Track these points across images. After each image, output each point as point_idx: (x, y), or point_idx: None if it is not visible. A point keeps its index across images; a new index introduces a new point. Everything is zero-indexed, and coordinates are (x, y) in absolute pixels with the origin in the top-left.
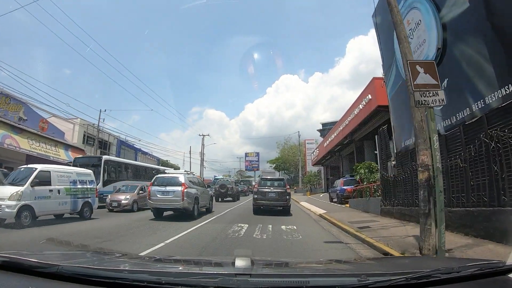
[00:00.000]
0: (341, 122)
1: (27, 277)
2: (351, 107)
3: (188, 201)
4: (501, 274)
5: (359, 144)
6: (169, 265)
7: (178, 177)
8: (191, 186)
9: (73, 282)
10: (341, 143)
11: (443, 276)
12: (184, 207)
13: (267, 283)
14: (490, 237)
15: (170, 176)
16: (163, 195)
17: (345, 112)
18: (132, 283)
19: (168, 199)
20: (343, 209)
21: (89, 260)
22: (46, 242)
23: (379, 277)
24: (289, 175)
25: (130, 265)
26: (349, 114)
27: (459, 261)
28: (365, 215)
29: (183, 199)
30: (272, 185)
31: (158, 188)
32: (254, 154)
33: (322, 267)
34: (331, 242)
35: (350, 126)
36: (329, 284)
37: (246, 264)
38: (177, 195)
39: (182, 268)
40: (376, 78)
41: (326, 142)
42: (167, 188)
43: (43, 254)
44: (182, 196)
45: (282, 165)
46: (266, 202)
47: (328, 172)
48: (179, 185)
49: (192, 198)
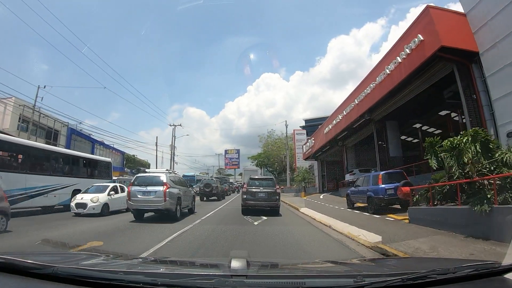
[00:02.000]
0: (354, 96)
1: (23, 279)
2: (377, 67)
3: (170, 202)
4: (497, 274)
5: (379, 125)
6: (165, 266)
7: (160, 176)
8: (173, 186)
9: (68, 283)
10: (350, 126)
11: (439, 277)
12: (167, 208)
13: (262, 284)
14: None
15: (151, 175)
16: (144, 195)
17: (362, 80)
18: (128, 284)
19: (149, 200)
20: (403, 227)
21: (84, 261)
22: (41, 243)
23: (375, 278)
24: (272, 172)
25: (126, 266)
26: (373, 78)
27: (455, 262)
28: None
29: (165, 199)
30: (261, 185)
31: (138, 188)
32: (235, 151)
33: (318, 268)
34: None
35: (373, 96)
36: (325, 285)
37: (242, 265)
38: (158, 195)
39: (178, 269)
40: (432, 7)
41: (327, 128)
42: (148, 188)
43: (39, 255)
44: (164, 196)
45: (265, 160)
46: (255, 203)
47: (324, 168)
48: (160, 185)
49: (174, 198)
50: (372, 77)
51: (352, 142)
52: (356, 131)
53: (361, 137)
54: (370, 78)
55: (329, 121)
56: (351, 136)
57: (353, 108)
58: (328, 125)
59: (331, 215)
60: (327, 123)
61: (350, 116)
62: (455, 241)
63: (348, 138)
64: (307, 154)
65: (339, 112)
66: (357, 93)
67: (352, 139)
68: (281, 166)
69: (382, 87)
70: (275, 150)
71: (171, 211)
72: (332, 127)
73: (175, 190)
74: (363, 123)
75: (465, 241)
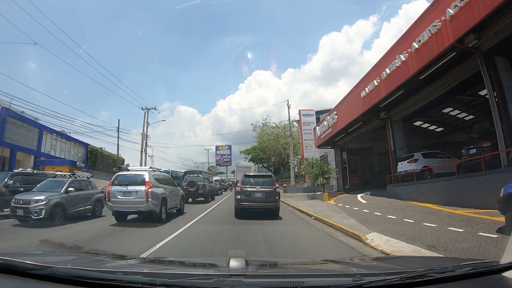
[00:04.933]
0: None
1: (21, 279)
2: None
3: (153, 203)
4: (495, 273)
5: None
6: (163, 266)
7: (142, 175)
8: (157, 185)
9: (67, 283)
10: (427, 69)
11: (438, 275)
12: (149, 209)
13: (261, 284)
14: None
15: (133, 173)
16: (124, 196)
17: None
18: (127, 284)
19: (130, 201)
20: None
21: (83, 261)
22: (39, 243)
23: (373, 276)
24: (268, 168)
25: (125, 267)
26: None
27: (454, 260)
28: None
29: (147, 200)
30: (258, 184)
31: (118, 188)
32: (226, 148)
33: (317, 267)
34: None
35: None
36: (323, 284)
37: (241, 264)
38: (140, 195)
39: (177, 269)
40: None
41: (363, 91)
42: (129, 188)
43: (37, 256)
44: (146, 196)
45: (260, 154)
46: (251, 204)
47: (344, 157)
48: (142, 184)
49: (158, 199)
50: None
51: (407, 109)
52: (421, 86)
53: (424, 100)
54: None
55: (368, 79)
56: (407, 99)
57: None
58: (365, 87)
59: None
60: (363, 84)
61: (428, 49)
62: None
63: (400, 104)
64: (324, 137)
65: (388, 61)
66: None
67: (406, 105)
68: (279, 160)
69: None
70: (272, 140)
71: (154, 213)
72: (375, 87)
73: (160, 189)
74: (454, 60)
75: None
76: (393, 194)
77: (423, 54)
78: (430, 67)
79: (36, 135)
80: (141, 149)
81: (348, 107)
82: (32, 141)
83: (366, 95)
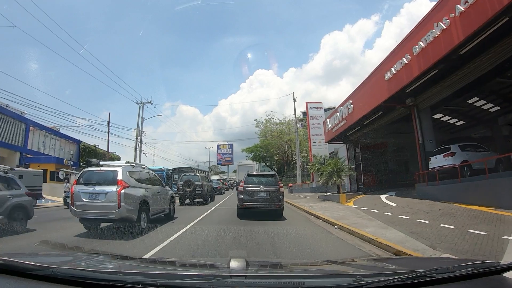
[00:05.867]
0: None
1: (22, 280)
2: None
3: (128, 208)
4: (496, 273)
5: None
6: (164, 267)
7: (113, 172)
8: (134, 185)
9: (68, 284)
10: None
11: (438, 276)
12: (122, 216)
13: (262, 284)
14: None
15: (102, 170)
16: (90, 198)
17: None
18: (127, 285)
19: (97, 205)
20: None
21: (83, 262)
22: (40, 244)
23: (374, 277)
24: (271, 167)
25: (125, 267)
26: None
27: (454, 261)
28: None
29: (119, 204)
30: (261, 183)
31: (83, 189)
32: (228, 146)
33: (317, 268)
34: None
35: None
36: (324, 285)
37: (241, 265)
38: (110, 198)
39: (177, 270)
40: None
41: (389, 72)
42: (97, 188)
43: (38, 257)
44: (118, 200)
45: (263, 152)
46: (254, 204)
47: (358, 154)
48: (113, 184)
49: (136, 202)
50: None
51: (436, 95)
52: (459, 65)
53: (457, 84)
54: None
55: (395, 57)
56: (437, 83)
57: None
58: (391, 67)
59: None
60: (388, 64)
61: (479, 11)
62: None
63: (429, 88)
64: (336, 131)
65: (423, 31)
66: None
67: (436, 90)
68: (283, 158)
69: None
70: (276, 137)
71: (130, 221)
72: (404, 66)
73: (138, 190)
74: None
75: None
76: (426, 194)
77: (471, 18)
78: (478, 36)
79: (22, 130)
80: (135, 145)
81: (368, 93)
82: (17, 136)
83: (393, 76)
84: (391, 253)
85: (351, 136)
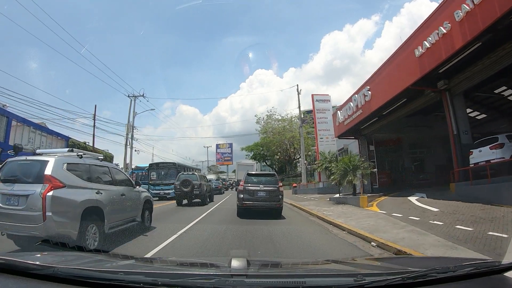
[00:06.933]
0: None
1: (23, 279)
2: None
3: (58, 221)
4: (497, 273)
5: None
6: (165, 266)
7: (41, 162)
8: (76, 184)
9: (69, 283)
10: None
11: (439, 275)
12: (50, 234)
13: (263, 284)
14: None
15: (26, 161)
16: (8, 203)
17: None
18: (128, 284)
19: (16, 214)
20: None
21: (85, 261)
22: (41, 243)
23: (375, 277)
24: (271, 167)
25: (126, 267)
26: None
27: (455, 260)
28: None
29: (44, 215)
30: (261, 182)
31: (1, 188)
32: (227, 145)
33: (318, 267)
34: None
35: None
36: (325, 284)
37: (242, 264)
38: (31, 205)
39: (178, 269)
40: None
41: (419, 48)
42: (16, 188)
43: (39, 256)
44: (43, 208)
45: (264, 151)
46: (254, 203)
47: (372, 150)
48: (37, 181)
49: (75, 211)
50: None
51: (475, 76)
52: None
53: (502, 62)
54: None
55: (429, 28)
56: (477, 61)
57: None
58: (424, 40)
59: None
60: (420, 37)
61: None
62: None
63: (467, 67)
64: (350, 123)
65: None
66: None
67: (476, 70)
68: (285, 157)
69: None
70: (278, 132)
71: (65, 240)
72: (443, 36)
73: (83, 192)
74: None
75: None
76: (470, 196)
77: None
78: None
79: (3, 124)
80: (125, 141)
81: (391, 76)
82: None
83: (426, 51)
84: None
85: (365, 130)
